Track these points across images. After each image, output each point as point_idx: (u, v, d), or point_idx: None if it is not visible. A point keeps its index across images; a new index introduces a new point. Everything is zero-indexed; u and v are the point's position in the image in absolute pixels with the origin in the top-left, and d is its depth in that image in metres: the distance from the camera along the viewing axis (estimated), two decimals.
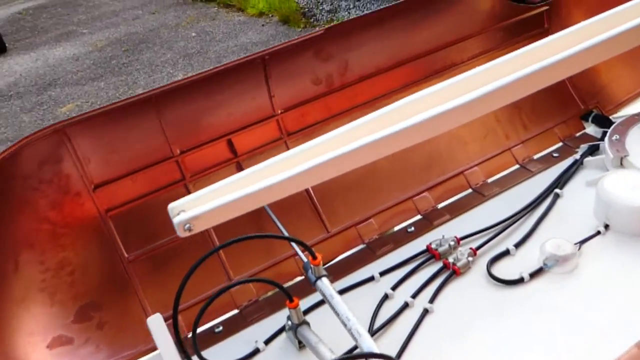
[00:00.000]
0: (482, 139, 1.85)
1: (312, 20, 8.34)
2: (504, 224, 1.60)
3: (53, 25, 10.04)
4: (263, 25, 8.57)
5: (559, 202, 1.67)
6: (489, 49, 1.91)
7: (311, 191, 1.62)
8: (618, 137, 1.75)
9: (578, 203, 1.64)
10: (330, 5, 8.58)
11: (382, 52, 1.71)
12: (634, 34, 1.23)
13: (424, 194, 1.73)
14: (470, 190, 1.77)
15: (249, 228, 1.53)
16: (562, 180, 1.72)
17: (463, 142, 1.83)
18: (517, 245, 1.52)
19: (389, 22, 1.70)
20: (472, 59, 1.88)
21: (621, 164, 1.70)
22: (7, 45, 9.29)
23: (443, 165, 1.78)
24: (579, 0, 1.97)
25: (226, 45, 8.13)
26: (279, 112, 1.60)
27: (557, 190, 1.69)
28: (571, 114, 1.97)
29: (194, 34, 8.79)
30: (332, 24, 1.57)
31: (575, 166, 1.77)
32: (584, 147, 1.85)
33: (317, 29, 1.80)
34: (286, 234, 1.43)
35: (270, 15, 8.77)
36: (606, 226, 1.53)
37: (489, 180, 1.80)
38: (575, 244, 1.47)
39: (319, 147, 1.07)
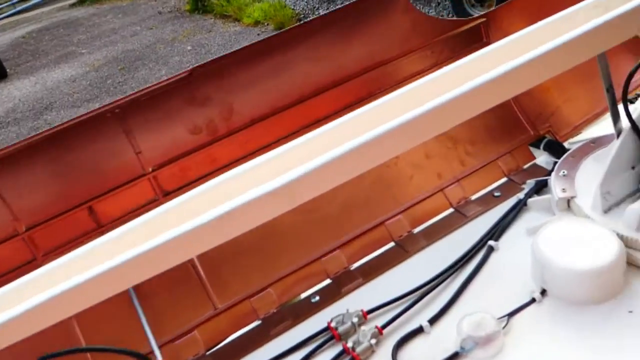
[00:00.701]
0: (408, 180, 1.57)
1: None
2: (421, 290, 1.33)
3: (54, 47, 10.07)
4: (258, 34, 8.40)
5: (493, 257, 1.39)
6: (422, 70, 1.64)
7: (195, 260, 1.38)
8: (565, 172, 1.46)
9: (516, 258, 1.35)
10: (326, 9, 8.34)
11: (278, 88, 1.46)
12: (584, 43, 0.96)
13: (335, 252, 1.47)
14: (392, 244, 1.50)
15: (118, 309, 1.30)
16: (498, 229, 1.43)
17: (385, 185, 1.56)
18: (433, 320, 1.24)
19: (285, 52, 1.45)
20: (401, 82, 1.61)
21: (569, 206, 1.41)
22: (8, 70, 9.35)
23: (360, 215, 1.51)
24: (520, 9, 1.68)
25: None
26: (150, 170, 1.37)
27: (491, 242, 1.40)
28: (519, 141, 1.67)
29: (189, 48, 8.67)
30: (202, 62, 1.32)
31: (517, 209, 1.48)
32: (530, 183, 1.56)
33: None
34: (147, 329, 1.19)
35: (265, 24, 8.59)
36: (543, 291, 1.25)
37: (416, 231, 1.52)
38: (501, 318, 1.19)
39: (195, 203, 0.84)
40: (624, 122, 1.31)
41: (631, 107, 1.33)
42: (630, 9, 1.00)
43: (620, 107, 1.30)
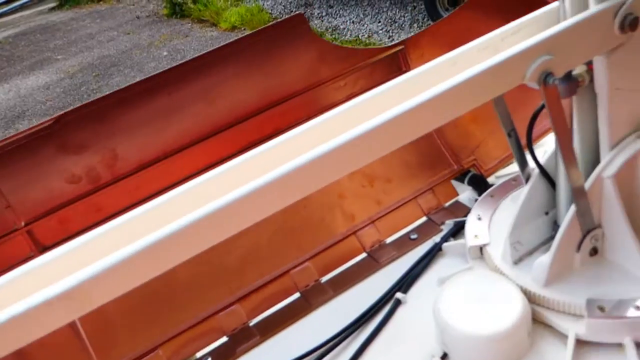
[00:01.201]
0: (318, 224, 1.46)
1: None
2: (322, 349, 1.22)
3: (30, 52, 9.91)
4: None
5: (400, 311, 1.28)
6: (334, 102, 1.53)
7: (78, 323, 1.27)
8: (480, 215, 1.36)
9: (423, 314, 1.24)
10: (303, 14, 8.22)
11: (168, 130, 1.35)
12: (470, 90, 0.86)
13: (233, 306, 1.36)
14: (297, 295, 1.39)
15: None
16: (407, 279, 1.33)
17: (292, 230, 1.45)
18: None
19: (174, 91, 1.33)
20: (311, 117, 1.50)
21: (482, 254, 1.31)
22: None
23: (263, 264, 1.40)
24: (439, 36, 1.57)
25: None
26: (23, 224, 1.25)
27: (398, 295, 1.30)
28: (441, 176, 1.56)
29: (165, 53, 8.54)
30: (75, 107, 1.20)
31: (431, 255, 1.37)
32: (449, 224, 1.46)
33: None
34: None
35: (242, 29, 8.46)
36: (444, 355, 1.15)
37: (324, 279, 1.41)
38: None
39: (75, 255, 0.73)
40: (533, 166, 1.21)
41: (540, 151, 1.23)
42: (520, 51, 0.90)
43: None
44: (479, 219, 1.35)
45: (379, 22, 7.27)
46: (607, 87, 1.03)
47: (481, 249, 1.30)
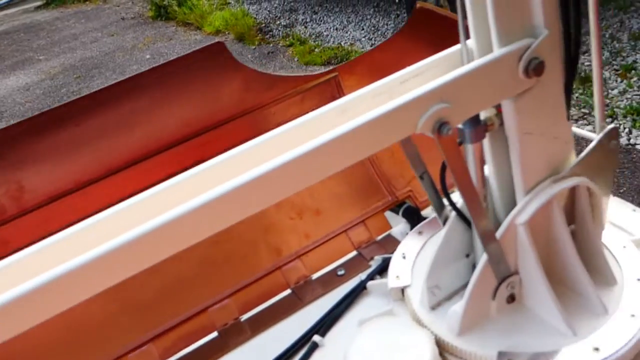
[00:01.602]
0: (242, 258, 1.41)
1: (268, 36, 7.95)
2: None
3: (12, 52, 9.79)
4: None
5: (316, 356, 1.23)
6: (263, 131, 1.47)
7: None
8: (405, 253, 1.31)
9: (339, 358, 1.19)
10: (287, 20, 8.18)
11: (81, 161, 1.29)
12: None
13: (147, 346, 1.30)
14: (214, 335, 1.34)
15: None
16: (327, 320, 1.28)
17: (214, 264, 1.39)
18: None
19: (88, 120, 1.27)
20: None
21: (403, 296, 1.26)
22: None
23: (181, 301, 1.35)
24: (375, 62, 1.52)
25: None
26: None
27: (316, 338, 1.25)
28: (375, 208, 1.51)
29: (148, 56, 8.45)
30: None
31: (354, 294, 1.32)
32: (377, 260, 1.40)
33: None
34: None
35: (226, 32, 8.39)
36: None
37: (244, 318, 1.36)
38: None
39: None
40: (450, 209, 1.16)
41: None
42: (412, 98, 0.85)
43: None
44: (404, 257, 1.30)
45: (362, 29, 7.22)
46: (516, 132, 0.99)
47: (403, 290, 1.25)
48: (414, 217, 1.50)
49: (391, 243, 1.47)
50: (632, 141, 4.30)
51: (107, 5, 11.33)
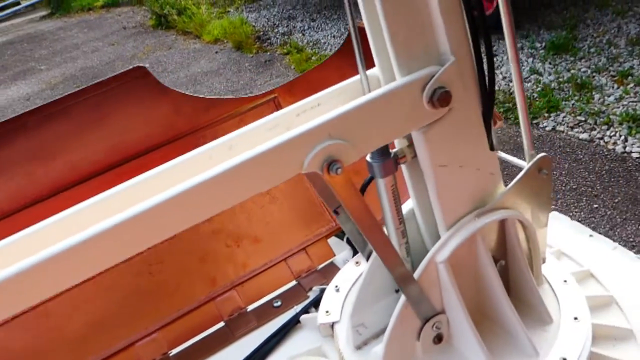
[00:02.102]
0: (174, 289, 1.35)
1: (265, 44, 7.93)
2: None
3: (14, 62, 9.87)
4: (216, 52, 8.20)
5: None
6: None
7: None
8: (338, 286, 1.24)
9: None
10: (286, 27, 8.15)
11: (2, 187, 1.24)
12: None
13: None
14: None
15: None
16: (256, 356, 1.21)
17: (144, 296, 1.34)
18: None
19: None
20: None
21: (333, 333, 1.19)
22: None
23: (108, 335, 1.29)
24: (314, 82, 1.46)
25: (176, 76, 7.80)
26: None
27: None
28: (317, 234, 1.45)
29: (147, 65, 8.42)
30: None
31: (288, 328, 1.26)
32: (315, 290, 1.34)
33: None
34: None
35: (225, 41, 8.39)
36: None
37: (172, 353, 1.30)
38: None
39: None
40: None
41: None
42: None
43: None
44: (337, 290, 1.24)
45: None
46: (430, 164, 0.92)
47: (333, 325, 1.18)
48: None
49: (333, 272, 1.40)
50: (627, 149, 4.19)
51: (110, 15, 11.40)
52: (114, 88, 1.29)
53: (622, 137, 4.31)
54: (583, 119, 4.59)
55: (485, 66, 0.88)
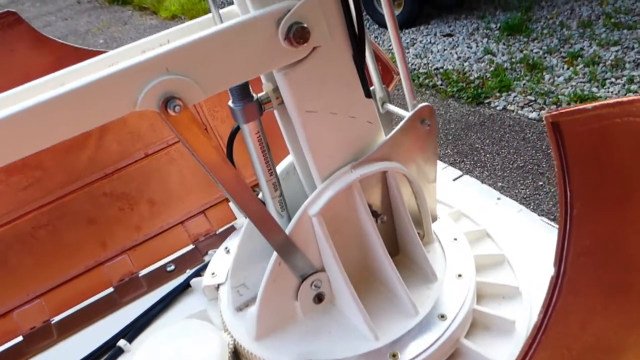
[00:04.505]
0: (58, 254, 1.27)
1: None
2: None
3: None
4: None
5: None
6: None
7: None
8: (229, 247, 1.18)
9: None
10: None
11: None
12: None
13: None
14: (18, 340, 1.20)
15: None
16: (140, 322, 1.15)
17: (20, 261, 1.25)
18: None
19: None
20: None
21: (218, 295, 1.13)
22: None
23: None
24: None
25: None
26: None
27: (121, 343, 1.12)
28: (218, 197, 1.38)
29: (101, 41, 8.19)
30: None
31: (176, 292, 1.19)
32: (211, 254, 1.28)
33: None
34: None
35: (182, 17, 8.17)
36: None
37: (54, 321, 1.22)
38: None
39: None
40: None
41: None
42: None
43: None
44: (227, 252, 1.18)
45: None
46: (296, 110, 0.86)
47: (219, 287, 1.12)
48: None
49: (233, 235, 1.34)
50: None
51: None
52: None
53: None
54: (533, 98, 4.62)
55: (352, 5, 0.82)
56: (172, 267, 1.27)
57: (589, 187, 0.84)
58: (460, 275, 1.01)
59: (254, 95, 0.87)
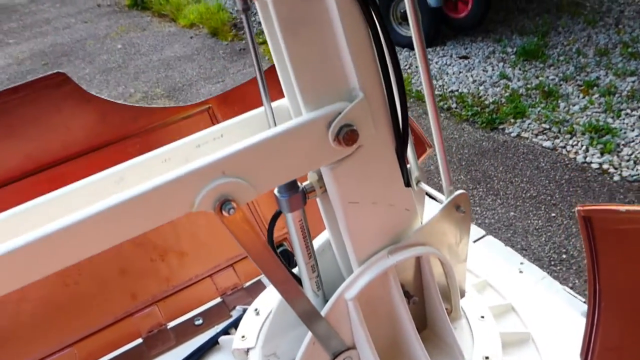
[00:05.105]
0: (90, 303, 1.30)
1: (241, 32, 7.80)
2: None
3: None
4: (191, 37, 8.05)
5: None
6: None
7: None
8: (259, 309, 1.21)
9: None
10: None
11: None
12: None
13: None
14: None
15: None
16: None
17: (56, 308, 1.29)
18: None
19: None
20: None
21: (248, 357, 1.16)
22: None
23: (18, 349, 1.24)
24: (249, 93, 1.42)
25: (149, 59, 7.64)
26: None
27: None
28: None
29: (119, 46, 8.27)
30: None
31: (205, 349, 1.22)
32: (238, 310, 1.31)
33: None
34: None
35: (200, 26, 8.24)
36: None
37: None
38: None
39: None
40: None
41: None
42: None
43: None
44: (257, 313, 1.20)
45: None
46: (339, 201, 0.89)
47: (248, 351, 1.15)
48: (289, 263, 1.40)
49: (260, 291, 1.37)
50: (588, 159, 4.24)
51: None
52: (30, 94, 1.23)
53: (584, 147, 4.36)
54: (548, 126, 4.63)
55: (397, 102, 0.85)
56: (200, 320, 1.30)
57: (618, 284, 0.86)
58: (487, 358, 1.03)
59: (300, 185, 0.90)
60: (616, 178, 4.06)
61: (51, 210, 0.77)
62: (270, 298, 1.22)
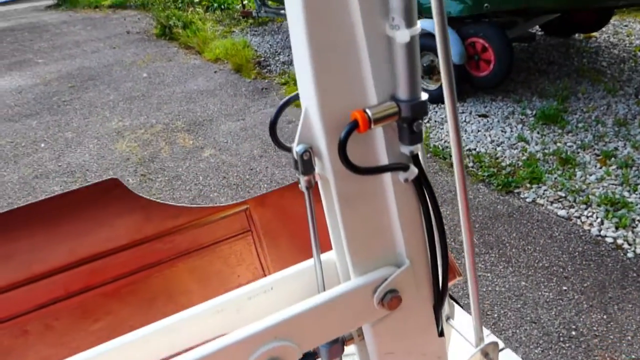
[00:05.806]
0: None
1: (265, 71, 7.96)
2: None
3: (12, 51, 9.81)
4: (215, 72, 8.21)
5: None
6: (159, 261, 1.41)
7: None
8: None
9: None
10: (287, 56, 8.20)
11: None
12: None
13: None
14: None
15: None
16: None
17: None
18: None
19: None
20: (127, 275, 1.38)
21: None
22: None
23: None
24: (286, 197, 1.47)
25: (172, 90, 7.79)
26: None
27: None
28: None
29: (145, 75, 8.46)
30: None
31: None
32: None
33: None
34: None
35: (225, 61, 8.42)
36: None
37: None
38: None
39: None
40: None
41: None
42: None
43: None
44: None
45: None
46: (376, 352, 0.93)
47: None
48: None
49: None
50: (602, 232, 4.24)
51: (116, 16, 11.40)
52: (87, 197, 1.29)
53: (599, 220, 4.37)
54: (563, 194, 4.66)
55: (440, 268, 0.90)
56: None
57: None
58: None
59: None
60: (630, 255, 4.06)
61: None
62: None
